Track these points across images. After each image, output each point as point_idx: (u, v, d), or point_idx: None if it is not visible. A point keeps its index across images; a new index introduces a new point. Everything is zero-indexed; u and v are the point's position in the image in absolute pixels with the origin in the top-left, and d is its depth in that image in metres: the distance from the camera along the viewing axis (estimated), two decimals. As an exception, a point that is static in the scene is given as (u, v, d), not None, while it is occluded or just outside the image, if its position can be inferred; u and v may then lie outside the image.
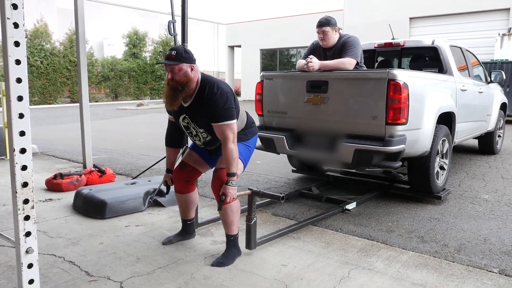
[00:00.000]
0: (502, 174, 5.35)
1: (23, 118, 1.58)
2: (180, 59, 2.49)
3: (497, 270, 2.64)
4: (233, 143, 2.52)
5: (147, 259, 2.72)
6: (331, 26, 4.00)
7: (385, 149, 3.45)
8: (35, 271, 1.67)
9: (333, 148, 3.75)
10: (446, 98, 4.32)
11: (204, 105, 2.55)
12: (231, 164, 2.52)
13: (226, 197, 2.54)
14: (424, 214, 3.79)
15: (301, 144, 4.10)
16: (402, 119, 3.46)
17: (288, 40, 22.43)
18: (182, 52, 2.51)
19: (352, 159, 3.61)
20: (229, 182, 2.53)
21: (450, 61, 4.82)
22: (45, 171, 5.51)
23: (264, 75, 4.30)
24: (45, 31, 21.50)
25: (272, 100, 4.25)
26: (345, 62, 3.80)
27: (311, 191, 4.33)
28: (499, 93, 6.78)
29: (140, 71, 26.07)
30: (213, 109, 2.52)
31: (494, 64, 11.76)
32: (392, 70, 3.45)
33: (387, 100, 3.44)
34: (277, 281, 2.44)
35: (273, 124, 4.30)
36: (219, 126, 2.53)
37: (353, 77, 3.70)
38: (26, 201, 1.61)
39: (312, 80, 3.88)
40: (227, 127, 2.51)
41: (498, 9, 14.93)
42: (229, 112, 2.52)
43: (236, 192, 2.59)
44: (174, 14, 4.67)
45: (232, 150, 2.50)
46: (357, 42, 3.96)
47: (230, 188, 2.54)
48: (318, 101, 3.85)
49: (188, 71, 2.52)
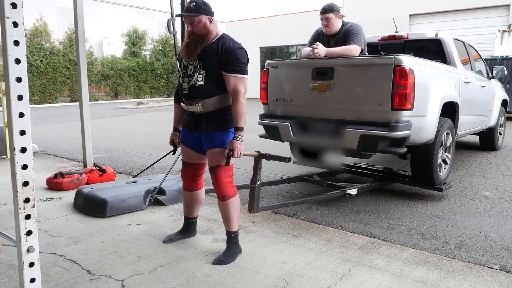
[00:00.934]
0: (502, 171, 5.35)
1: (24, 117, 1.58)
2: (199, 10, 2.53)
3: (498, 266, 2.64)
4: (243, 98, 2.56)
5: (148, 257, 2.73)
6: (334, 12, 4.00)
7: (391, 134, 3.45)
8: (37, 270, 1.68)
9: (338, 134, 3.75)
10: (450, 88, 4.33)
11: (222, 52, 2.56)
12: (240, 118, 2.55)
13: (234, 152, 2.53)
14: (425, 211, 3.79)
15: (306, 132, 4.10)
16: (408, 104, 3.46)
17: (287, 38, 22.39)
18: (201, 4, 2.54)
19: (357, 145, 3.61)
20: (237, 137, 2.55)
21: (453, 53, 4.82)
22: (45, 170, 5.51)
23: (269, 63, 4.30)
24: (45, 30, 21.47)
25: (277, 88, 4.25)
26: (351, 49, 3.81)
27: (312, 177, 4.36)
28: (500, 89, 6.78)
29: (139, 69, 26.04)
30: (231, 60, 2.54)
31: (494, 61, 11.74)
32: (398, 56, 3.46)
33: (393, 85, 3.44)
34: (278, 278, 2.44)
35: (277, 112, 4.30)
36: (234, 78, 2.55)
37: (359, 63, 3.70)
38: (27, 200, 1.62)
39: (318, 67, 3.87)
40: (241, 81, 2.55)
41: (498, 5, 14.89)
42: (245, 67, 2.58)
43: (243, 148, 2.59)
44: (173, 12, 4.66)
45: (242, 105, 2.54)
46: (360, 30, 3.97)
47: (238, 142, 2.54)
48: (323, 88, 3.84)
49: (207, 23, 2.56)
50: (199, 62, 2.61)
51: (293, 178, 4.28)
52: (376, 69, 3.54)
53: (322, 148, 4.72)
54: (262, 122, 4.35)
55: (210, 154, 2.68)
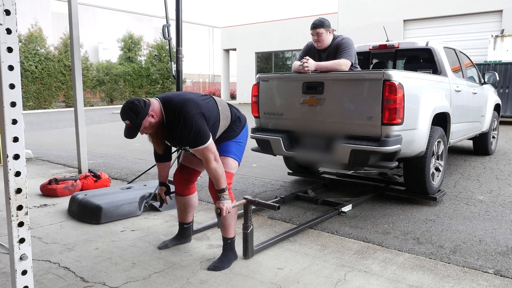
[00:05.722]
0: (496, 175, 5.38)
1: (16, 124, 1.58)
2: (135, 124, 2.39)
3: (492, 270, 2.65)
4: (215, 162, 2.48)
5: (143, 264, 2.71)
6: (325, 27, 4.02)
7: (381, 149, 3.46)
8: (29, 277, 1.66)
9: (329, 149, 3.76)
10: (441, 98, 4.35)
11: (173, 132, 2.51)
12: (219, 181, 2.51)
13: (222, 211, 2.54)
14: (420, 215, 3.80)
15: (298, 146, 4.11)
16: (397, 119, 3.48)
17: (283, 43, 22.50)
18: (134, 117, 2.37)
19: (348, 159, 3.62)
20: (221, 197, 2.54)
21: (444, 62, 4.85)
22: (40, 176, 5.48)
23: (260, 77, 4.32)
24: (40, 35, 21.41)
25: (268, 102, 4.26)
26: (340, 63, 3.82)
27: (307, 193, 4.34)
28: (493, 94, 6.83)
29: (135, 75, 26.02)
30: (183, 139, 2.49)
31: (487, 66, 11.85)
32: (387, 71, 3.48)
33: (382, 100, 3.46)
34: (274, 284, 2.44)
35: (269, 126, 4.31)
36: (196, 151, 2.51)
37: (348, 78, 3.72)
38: (20, 208, 1.61)
39: (308, 82, 3.89)
40: (204, 150, 2.46)
41: (491, 11, 15.05)
42: (200, 137, 2.43)
43: (231, 204, 2.59)
44: (168, 18, 4.68)
45: (216, 169, 2.48)
46: (351, 44, 3.98)
47: (224, 202, 2.54)
48: (314, 102, 3.86)
49: (150, 122, 2.44)
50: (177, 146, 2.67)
51: (287, 196, 4.23)
52: (366, 84, 3.56)
53: (314, 162, 4.73)
54: (254, 135, 4.36)
55: None
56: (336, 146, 3.68)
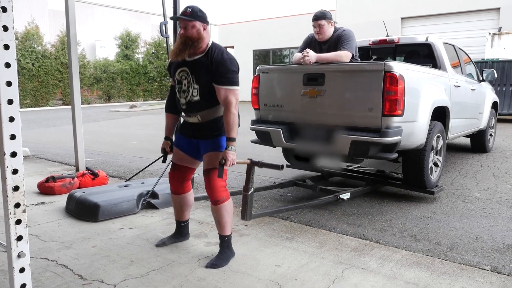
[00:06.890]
0: (493, 172, 5.40)
1: (14, 122, 1.57)
2: (194, 16, 2.57)
3: (489, 267, 2.66)
4: (235, 109, 2.57)
5: (141, 262, 2.71)
6: (326, 19, 4.03)
7: (382, 140, 3.47)
8: (27, 275, 1.66)
9: (329, 140, 3.77)
10: (441, 92, 4.37)
11: (212, 64, 2.57)
12: (232, 129, 2.55)
13: (226, 161, 2.52)
14: (417, 213, 3.81)
15: (298, 137, 4.11)
16: (398, 110, 3.49)
17: (281, 41, 22.46)
18: (197, 11, 2.59)
19: (348, 150, 3.63)
20: (229, 147, 2.54)
21: (443, 58, 4.87)
22: (37, 174, 5.47)
23: (260, 68, 4.32)
24: (37, 33, 21.32)
25: (268, 94, 4.27)
26: (341, 54, 3.83)
27: (305, 182, 4.37)
28: (491, 92, 6.85)
29: (132, 72, 25.96)
30: (220, 71, 2.55)
31: (484, 63, 11.87)
32: (388, 62, 3.49)
33: (383, 91, 3.47)
34: (271, 281, 2.44)
35: (269, 118, 4.31)
36: (224, 90, 2.55)
37: (349, 69, 3.72)
38: (17, 205, 1.60)
39: (308, 73, 3.89)
40: (231, 93, 2.55)
41: (488, 9, 15.08)
42: (235, 78, 2.58)
43: (236, 158, 2.57)
44: (166, 16, 4.66)
45: (234, 115, 2.55)
46: (352, 35, 4.00)
47: (230, 153, 2.53)
48: (314, 93, 3.86)
49: (200, 29, 2.58)
50: (191, 76, 2.63)
51: (286, 183, 4.29)
52: (367, 75, 3.57)
53: (314, 154, 4.74)
54: (253, 127, 4.36)
55: (207, 157, 2.69)
56: (337, 137, 3.68)
